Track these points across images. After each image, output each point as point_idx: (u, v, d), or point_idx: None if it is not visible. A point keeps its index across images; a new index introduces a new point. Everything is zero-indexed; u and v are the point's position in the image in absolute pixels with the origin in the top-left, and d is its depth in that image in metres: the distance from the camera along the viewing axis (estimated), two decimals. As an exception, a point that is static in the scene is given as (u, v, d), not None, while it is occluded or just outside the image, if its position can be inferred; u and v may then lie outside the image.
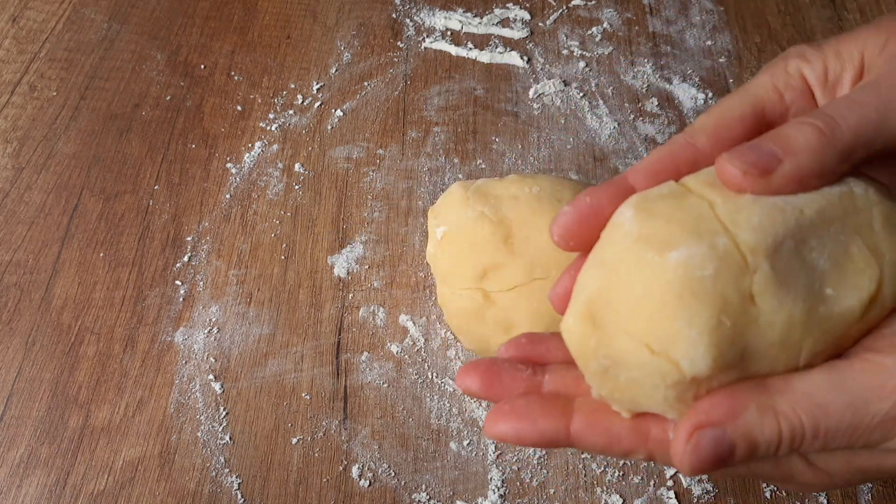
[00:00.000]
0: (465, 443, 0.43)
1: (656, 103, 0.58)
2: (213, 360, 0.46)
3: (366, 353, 0.47)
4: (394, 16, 0.64)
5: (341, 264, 0.50)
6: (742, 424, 0.22)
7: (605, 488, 0.42)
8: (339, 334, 0.47)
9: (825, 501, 0.41)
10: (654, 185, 0.25)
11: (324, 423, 0.44)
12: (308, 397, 0.45)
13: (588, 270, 0.24)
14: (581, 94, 0.59)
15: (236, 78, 0.60)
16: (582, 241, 0.25)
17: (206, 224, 0.52)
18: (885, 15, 0.27)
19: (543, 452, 0.43)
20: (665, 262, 0.22)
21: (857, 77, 0.26)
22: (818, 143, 0.23)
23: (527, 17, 0.64)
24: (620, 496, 0.41)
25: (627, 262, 0.23)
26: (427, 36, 0.63)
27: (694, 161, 0.25)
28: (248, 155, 0.56)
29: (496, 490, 0.42)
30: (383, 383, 0.46)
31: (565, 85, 0.59)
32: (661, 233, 0.22)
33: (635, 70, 0.60)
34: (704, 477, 0.42)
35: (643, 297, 0.22)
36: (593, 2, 0.65)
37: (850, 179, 0.24)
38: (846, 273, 0.22)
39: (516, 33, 0.63)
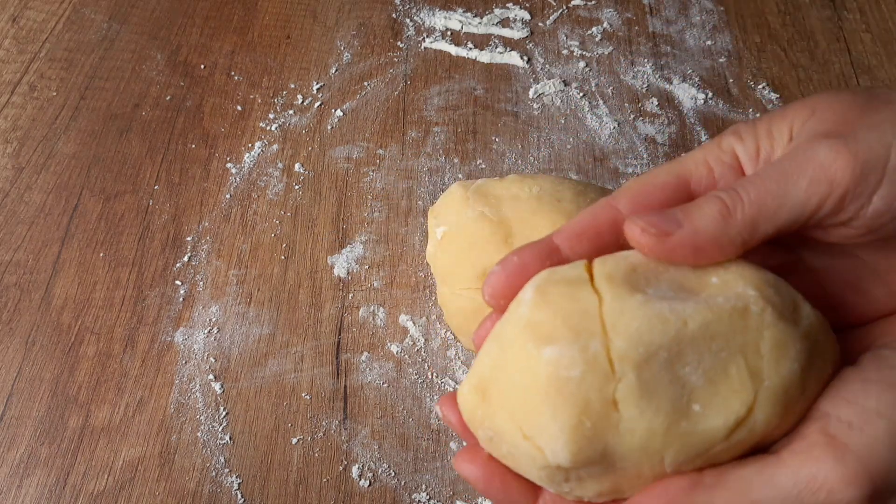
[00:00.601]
0: (465, 443, 0.43)
1: (656, 103, 0.58)
2: (213, 360, 0.46)
3: (366, 353, 0.47)
4: (394, 16, 0.64)
5: (341, 264, 0.50)
6: None
7: (605, 488, 0.42)
8: (339, 334, 0.47)
9: None
10: (577, 245, 0.26)
11: (324, 423, 0.44)
12: (308, 397, 0.45)
13: (489, 342, 0.26)
14: (581, 94, 0.59)
15: (236, 78, 0.60)
16: (510, 300, 0.27)
17: (206, 224, 0.52)
18: (817, 93, 0.27)
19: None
20: (539, 356, 0.23)
21: None
22: (719, 215, 0.24)
23: (527, 17, 0.64)
24: (620, 496, 0.41)
25: (514, 347, 0.24)
26: (427, 36, 0.63)
27: (614, 223, 0.26)
28: (248, 155, 0.56)
29: (496, 490, 0.42)
30: (383, 383, 0.46)
31: (565, 85, 0.59)
32: (546, 325, 0.24)
33: (635, 70, 0.60)
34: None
35: (519, 385, 0.24)
36: (593, 2, 0.65)
37: (750, 293, 0.23)
38: (718, 392, 0.23)
39: (516, 33, 0.63)
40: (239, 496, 0.42)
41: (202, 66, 0.61)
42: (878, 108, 0.25)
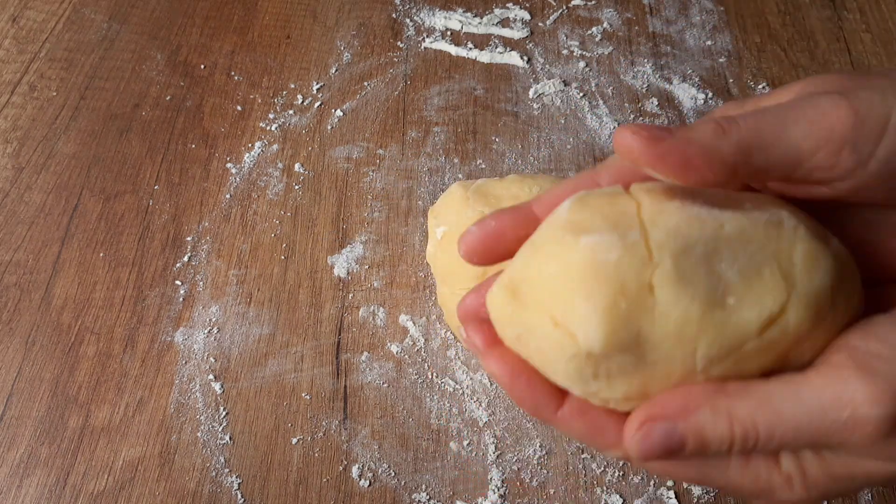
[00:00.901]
0: (465, 443, 0.43)
1: (656, 103, 0.58)
2: (213, 360, 0.46)
3: (366, 353, 0.47)
4: (394, 16, 0.64)
5: (341, 264, 0.50)
6: (693, 422, 0.23)
7: (604, 488, 0.42)
8: (339, 334, 0.47)
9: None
10: None
11: (324, 423, 0.44)
12: (308, 397, 0.45)
13: (522, 250, 0.26)
14: (581, 94, 0.59)
15: (236, 78, 0.60)
16: (484, 257, 0.27)
17: (206, 224, 0.52)
18: (811, 76, 0.27)
19: (544, 452, 0.43)
20: (577, 243, 0.23)
21: None
22: (712, 132, 0.24)
23: (527, 17, 0.64)
24: (620, 496, 0.42)
25: (550, 243, 0.25)
26: (427, 36, 0.63)
27: None
28: (248, 155, 0.56)
29: (496, 490, 0.42)
30: (383, 383, 0.46)
31: (565, 85, 0.59)
32: (585, 221, 0.24)
33: (635, 70, 0.60)
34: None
35: (555, 273, 0.24)
36: (593, 2, 0.65)
37: (784, 212, 0.24)
38: (752, 289, 0.23)
39: (516, 33, 0.63)
40: (239, 496, 0.42)
41: (202, 66, 0.61)
42: (876, 79, 0.25)
